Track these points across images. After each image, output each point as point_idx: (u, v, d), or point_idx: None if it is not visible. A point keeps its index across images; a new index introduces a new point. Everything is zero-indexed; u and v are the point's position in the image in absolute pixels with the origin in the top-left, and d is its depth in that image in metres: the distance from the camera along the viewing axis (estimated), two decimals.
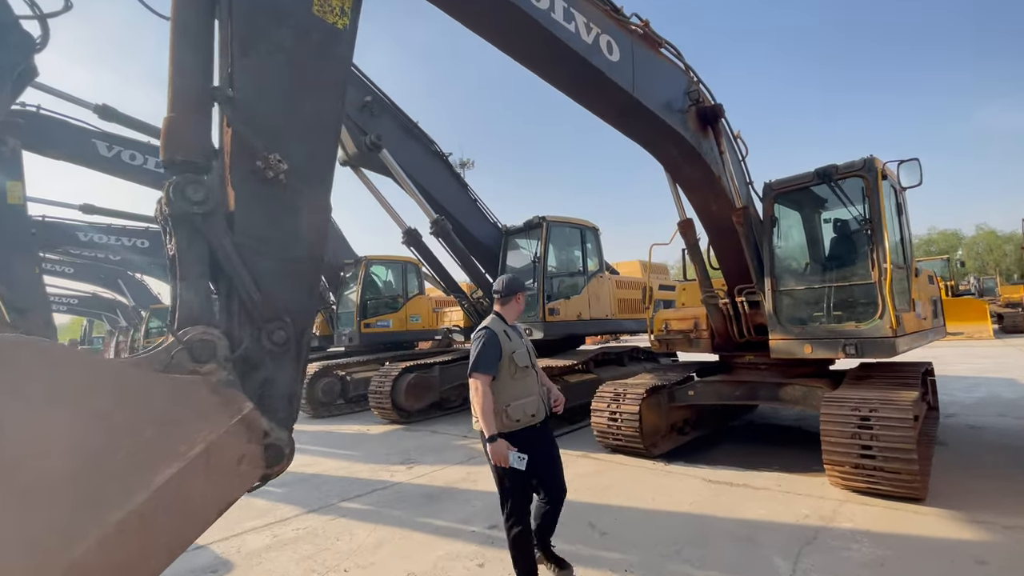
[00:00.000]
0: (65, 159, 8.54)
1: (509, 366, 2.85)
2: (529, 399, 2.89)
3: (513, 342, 2.92)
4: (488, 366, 2.79)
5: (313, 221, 2.33)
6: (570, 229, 8.41)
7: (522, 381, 2.89)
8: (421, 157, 7.99)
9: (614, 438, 5.85)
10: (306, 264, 2.30)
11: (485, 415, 2.74)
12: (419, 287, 12.07)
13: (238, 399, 1.80)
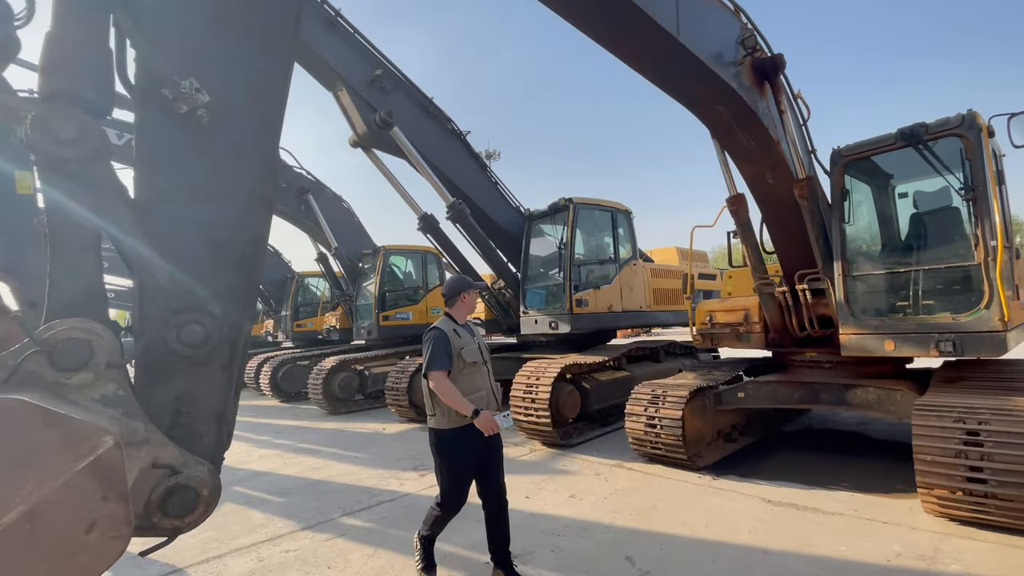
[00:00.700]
0: None
1: (458, 362, 2.93)
2: (478, 394, 2.96)
3: (462, 339, 3.00)
4: (441, 363, 2.88)
5: (249, 177, 1.71)
6: (600, 212, 7.65)
7: (471, 377, 2.97)
8: (437, 136, 7.37)
9: (652, 446, 5.12)
10: (239, 235, 1.68)
11: (455, 400, 2.84)
12: (440, 278, 11.51)
13: (92, 432, 1.19)
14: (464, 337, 3.03)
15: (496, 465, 3.09)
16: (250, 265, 1.70)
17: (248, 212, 1.70)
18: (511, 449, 6.05)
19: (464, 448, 2.91)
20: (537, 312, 7.34)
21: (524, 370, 6.23)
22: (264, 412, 10.23)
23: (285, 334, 14.64)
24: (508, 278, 7.72)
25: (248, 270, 1.70)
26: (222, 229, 1.65)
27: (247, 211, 1.70)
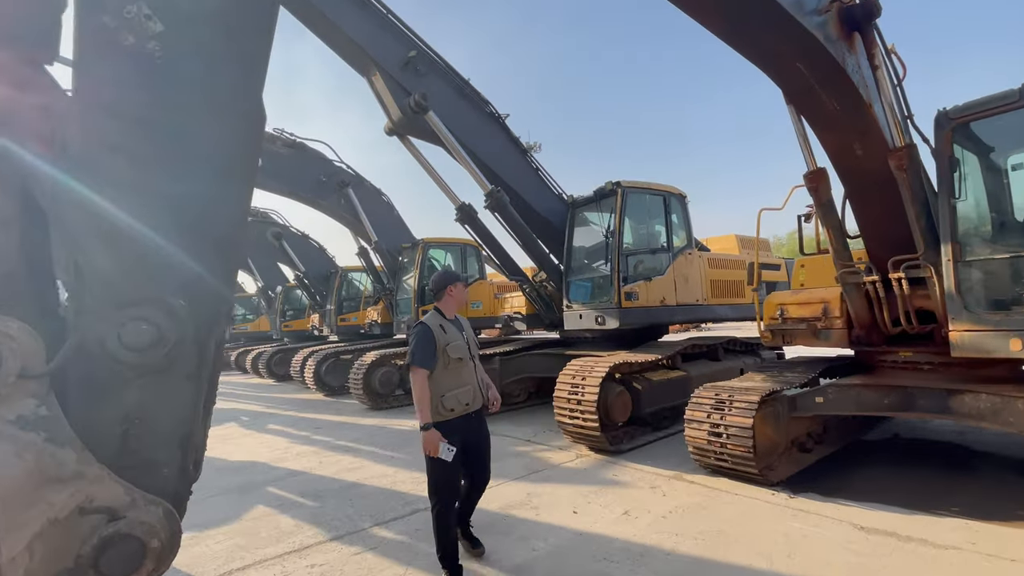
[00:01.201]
0: None
1: (444, 358, 2.94)
2: (463, 389, 3.01)
3: (448, 335, 3.01)
4: (423, 360, 2.91)
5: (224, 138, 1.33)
6: (651, 197, 7.02)
7: (457, 372, 3.00)
8: (474, 120, 6.96)
9: (717, 457, 4.53)
10: (211, 212, 1.31)
11: (420, 405, 2.86)
12: (480, 271, 11.18)
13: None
14: (451, 332, 3.04)
15: (483, 453, 3.21)
16: (226, 249, 1.33)
17: (223, 183, 1.33)
18: (556, 454, 5.60)
19: (455, 439, 2.93)
20: (582, 306, 6.83)
21: (569, 368, 5.76)
22: (307, 406, 10.25)
23: (330, 328, 14.77)
24: (550, 270, 7.23)
25: (224, 255, 1.32)
26: (188, 203, 1.28)
27: (222, 182, 1.32)
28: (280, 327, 18.43)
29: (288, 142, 10.16)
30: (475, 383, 3.11)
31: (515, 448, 5.94)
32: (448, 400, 2.95)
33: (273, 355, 16.29)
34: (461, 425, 2.97)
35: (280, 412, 9.69)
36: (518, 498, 4.35)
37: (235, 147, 1.32)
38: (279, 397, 12.06)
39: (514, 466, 5.22)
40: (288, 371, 13.68)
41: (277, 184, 10.16)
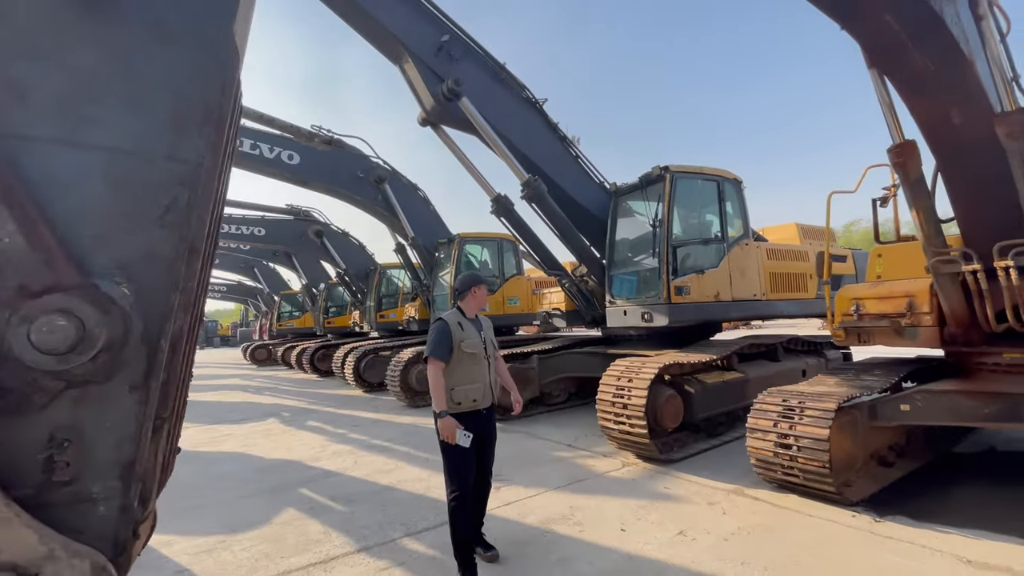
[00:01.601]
0: None
1: (458, 353, 3.05)
2: (474, 385, 3.07)
3: (465, 332, 3.11)
4: (437, 352, 3.02)
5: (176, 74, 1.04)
6: (703, 182, 6.46)
7: (469, 368, 3.07)
8: (510, 106, 6.61)
9: (785, 472, 4.02)
10: (161, 171, 1.02)
11: (436, 393, 2.98)
12: (517, 266, 10.85)
13: None
14: (468, 330, 3.14)
15: (490, 449, 3.27)
16: (181, 220, 1.04)
17: (177, 134, 1.04)
18: (600, 461, 5.20)
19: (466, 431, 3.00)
20: (626, 302, 6.36)
21: (613, 369, 5.33)
22: (346, 403, 10.25)
23: (370, 325, 14.87)
24: (591, 263, 6.80)
25: (179, 228, 1.03)
26: (131, 159, 0.99)
27: (175, 132, 1.04)
28: (323, 323, 18.80)
29: (326, 139, 10.13)
30: (487, 382, 3.15)
31: (555, 453, 5.58)
32: (457, 394, 3.04)
33: (316, 351, 16.60)
34: (467, 420, 3.03)
35: (320, 408, 9.72)
36: (559, 511, 3.99)
37: (190, 88, 1.03)
38: (320, 393, 12.18)
39: (555, 474, 4.86)
40: (330, 367, 13.87)
41: (316, 181, 10.18)
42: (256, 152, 9.21)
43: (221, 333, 51.72)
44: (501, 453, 5.77)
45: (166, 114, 1.03)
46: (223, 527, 3.95)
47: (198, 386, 14.98)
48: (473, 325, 3.20)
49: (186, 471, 5.63)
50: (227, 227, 14.21)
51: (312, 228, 15.08)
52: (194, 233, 1.06)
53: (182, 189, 1.04)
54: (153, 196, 1.02)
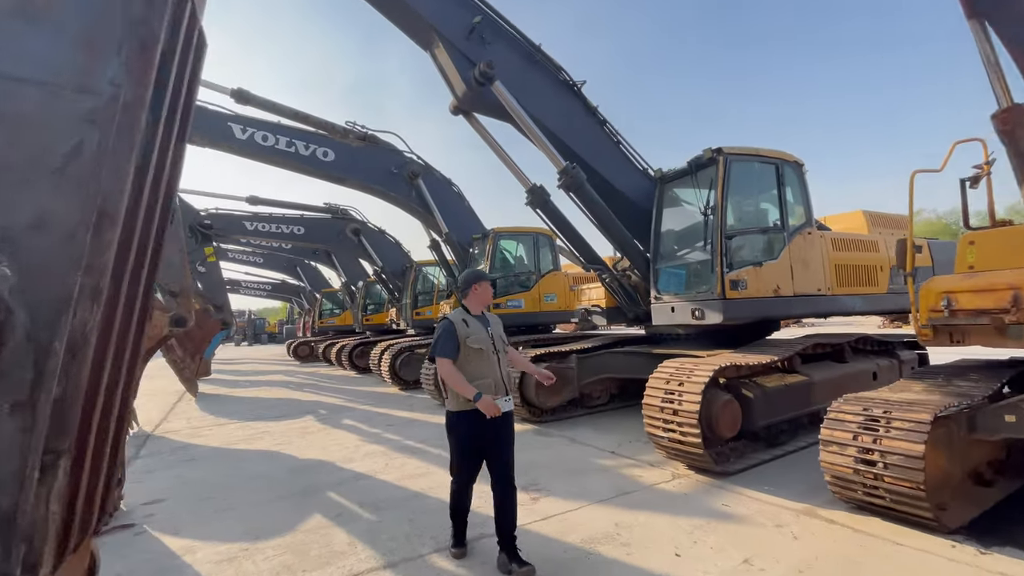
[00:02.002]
0: (208, 145, 8.73)
1: (464, 350, 3.10)
2: (483, 381, 3.07)
3: (470, 328, 3.15)
4: (444, 351, 3.09)
5: None
6: (760, 165, 5.87)
7: (477, 364, 3.11)
8: (545, 89, 6.22)
9: (868, 491, 3.48)
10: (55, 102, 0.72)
11: (459, 385, 3.04)
12: (553, 262, 10.45)
13: None
14: (473, 326, 3.17)
15: (505, 446, 3.21)
16: (88, 172, 0.73)
17: (86, 55, 0.74)
18: (647, 472, 4.76)
19: (467, 430, 3.10)
20: (674, 297, 5.87)
21: (662, 371, 4.87)
22: (382, 400, 10.16)
23: (406, 322, 14.83)
24: (634, 256, 6.33)
25: (84, 183, 0.73)
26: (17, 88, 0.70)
27: (81, 52, 0.73)
28: (362, 321, 18.98)
29: (360, 135, 10.04)
30: (497, 376, 3.16)
31: (598, 461, 5.17)
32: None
33: (354, 348, 16.76)
34: (479, 415, 3.03)
35: (356, 406, 9.65)
36: (604, 528, 3.59)
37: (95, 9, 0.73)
38: (358, 390, 12.19)
39: (598, 484, 4.46)
40: (368, 363, 13.93)
41: (351, 178, 10.11)
42: (292, 149, 9.20)
43: (268, 330, 54.03)
44: (539, 459, 5.47)
45: (69, 26, 0.73)
46: (248, 534, 3.78)
47: (241, 382, 15.38)
48: (479, 322, 3.24)
49: (220, 470, 5.58)
50: (268, 226, 14.45)
51: (350, 226, 15.17)
52: (106, 190, 0.75)
53: (90, 129, 0.74)
54: (48, 139, 0.72)
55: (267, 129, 8.97)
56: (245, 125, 8.78)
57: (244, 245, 19.32)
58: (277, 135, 9.08)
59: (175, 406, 10.70)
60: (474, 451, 3.16)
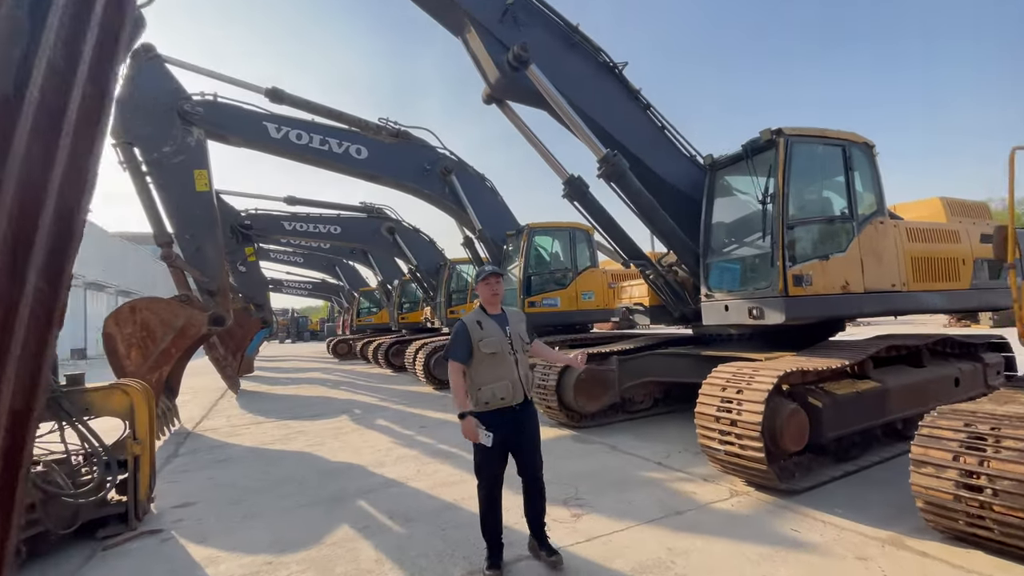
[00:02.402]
0: (243, 145, 8.77)
1: (477, 353, 3.03)
2: (500, 383, 3.02)
3: (484, 330, 3.06)
4: (456, 355, 3.06)
5: None
6: (824, 148, 5.29)
7: (491, 366, 3.03)
8: (584, 71, 5.82)
9: (971, 521, 2.95)
10: None
11: (456, 394, 3.05)
12: (591, 258, 10.02)
13: None
14: (487, 328, 3.08)
15: (527, 448, 3.15)
16: None
17: None
18: (700, 488, 4.31)
19: (493, 429, 3.00)
20: (727, 295, 5.37)
21: (717, 376, 4.41)
22: (416, 400, 10.02)
23: (440, 320, 14.72)
24: (682, 250, 5.85)
25: None
26: None
27: None
28: (397, 319, 19.06)
29: (393, 131, 9.92)
30: (514, 378, 3.06)
31: (644, 473, 4.76)
32: (483, 393, 3.02)
33: (390, 346, 16.82)
34: (496, 418, 3.02)
35: (390, 406, 9.54)
36: (655, 554, 3.20)
37: None
38: (393, 389, 12.14)
39: (645, 501, 4.06)
40: (404, 362, 13.90)
41: (385, 176, 10.00)
42: (325, 147, 9.14)
43: (311, 328, 55.96)
44: (579, 469, 5.10)
45: None
46: (273, 545, 3.60)
47: (282, 379, 15.67)
48: (495, 321, 3.13)
49: (252, 472, 5.49)
50: (306, 226, 14.62)
51: (385, 225, 15.18)
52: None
53: None
54: None
55: (301, 127, 8.94)
56: (280, 124, 8.77)
57: (284, 245, 19.72)
58: (311, 133, 9.04)
59: (217, 403, 10.91)
60: (498, 451, 3.05)
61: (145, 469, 4.05)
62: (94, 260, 36.75)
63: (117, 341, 6.91)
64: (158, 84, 7.70)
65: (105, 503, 3.92)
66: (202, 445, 6.94)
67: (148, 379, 7.08)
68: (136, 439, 3.97)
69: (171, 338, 7.23)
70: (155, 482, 4.39)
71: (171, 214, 7.78)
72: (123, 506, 3.96)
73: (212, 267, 8.01)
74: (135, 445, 3.96)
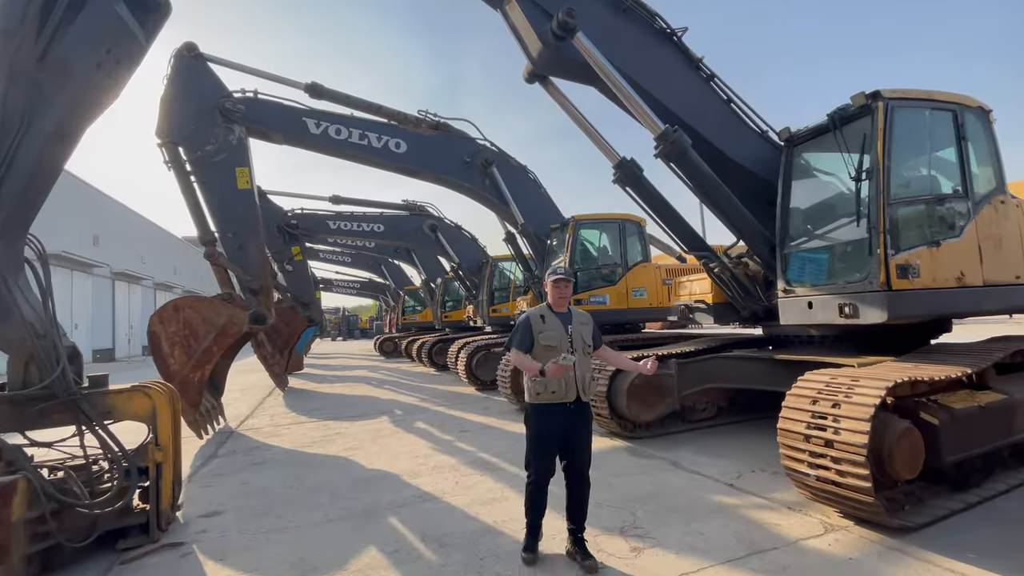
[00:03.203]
0: (283, 142, 8.68)
1: (537, 346, 3.13)
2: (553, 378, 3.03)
3: (546, 324, 3.16)
4: (516, 343, 3.17)
5: None
6: (931, 114, 4.43)
7: (548, 360, 3.03)
8: (638, 40, 5.20)
9: None
10: None
11: (526, 364, 3.09)
12: (643, 252, 9.30)
13: None
14: (549, 323, 3.16)
15: (578, 447, 3.16)
16: None
17: None
18: (787, 519, 3.62)
19: (543, 422, 3.10)
20: (812, 290, 4.61)
21: (805, 386, 3.70)
22: (458, 402, 9.67)
23: (483, 319, 14.38)
24: (754, 238, 5.11)
25: None
26: None
27: None
28: (441, 317, 18.92)
29: (432, 124, 9.60)
30: (569, 375, 3.07)
31: (713, 497, 4.09)
32: (536, 384, 3.08)
33: (434, 345, 16.66)
34: (549, 412, 3.08)
35: (431, 407, 9.24)
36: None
37: None
38: (435, 389, 11.88)
39: (719, 534, 3.42)
40: (446, 361, 13.66)
41: (425, 171, 9.68)
42: (364, 142, 8.91)
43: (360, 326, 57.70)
44: (636, 489, 4.45)
45: None
46: (295, 567, 3.25)
47: (329, 377, 15.81)
48: (559, 318, 3.18)
49: (286, 477, 5.25)
50: (350, 225, 14.65)
51: (427, 223, 15.00)
52: None
53: None
54: None
55: (340, 122, 8.75)
56: (319, 119, 8.62)
57: (332, 245, 20.01)
58: (350, 128, 8.83)
59: (264, 401, 11.01)
60: (546, 445, 3.12)
61: (168, 477, 3.82)
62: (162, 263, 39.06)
63: (161, 339, 6.91)
64: (200, 83, 7.69)
65: (128, 512, 3.72)
66: (242, 446, 6.83)
67: (191, 378, 7.10)
68: (158, 445, 3.74)
69: (213, 336, 7.17)
70: (180, 491, 4.18)
71: (214, 212, 7.76)
72: (146, 515, 3.75)
73: (254, 265, 7.93)
74: (157, 451, 3.72)
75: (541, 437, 3.11)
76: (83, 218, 27.33)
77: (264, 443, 6.94)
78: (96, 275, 28.80)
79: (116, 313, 30.84)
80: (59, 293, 24.65)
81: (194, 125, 7.59)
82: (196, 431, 7.00)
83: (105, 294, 30.16)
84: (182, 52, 7.60)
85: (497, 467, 5.23)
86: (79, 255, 25.71)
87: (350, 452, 6.20)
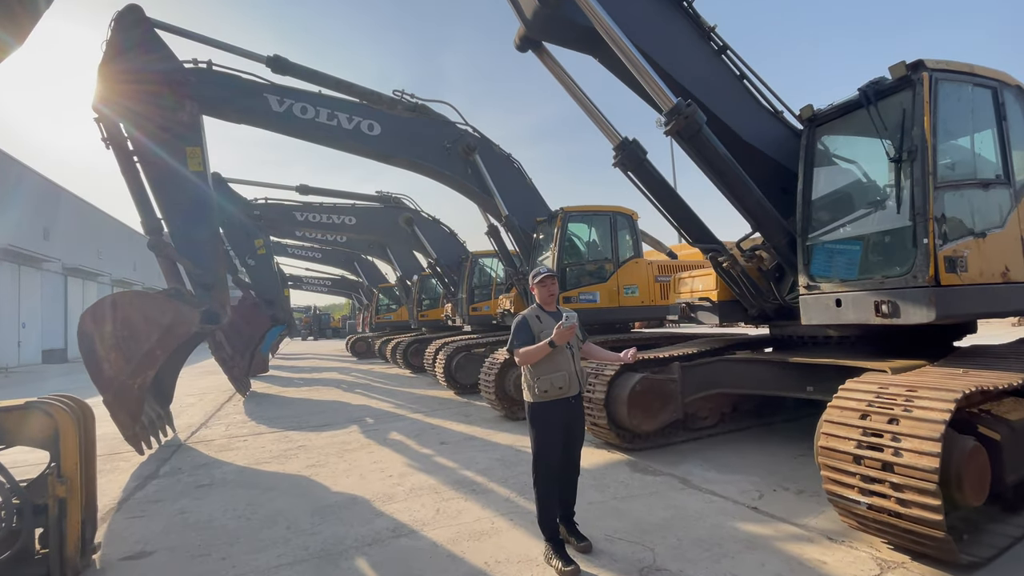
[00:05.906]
0: (240, 120, 7.79)
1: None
2: (557, 374, 3.17)
3: (543, 323, 3.26)
4: (519, 343, 3.23)
5: None
6: (974, 90, 3.98)
7: (550, 357, 3.16)
8: (645, 6, 4.62)
9: None
10: None
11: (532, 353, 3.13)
12: (634, 247, 8.78)
13: None
14: (545, 321, 3.26)
15: (578, 438, 3.32)
16: None
17: None
18: (827, 553, 3.08)
19: (551, 419, 3.18)
20: (840, 285, 4.10)
21: (850, 397, 3.16)
22: (437, 408, 8.96)
23: (462, 318, 13.68)
24: (772, 227, 4.60)
25: None
26: None
27: None
28: (417, 316, 18.11)
29: (410, 105, 8.87)
30: (571, 370, 3.20)
31: (740, 526, 3.53)
32: (542, 383, 3.15)
33: (409, 345, 15.87)
34: (556, 408, 3.17)
35: (407, 414, 8.51)
36: None
37: None
38: (411, 393, 11.15)
39: (751, 571, 2.86)
40: (423, 362, 12.93)
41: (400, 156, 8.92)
42: (333, 122, 8.10)
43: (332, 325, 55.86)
44: (648, 516, 3.64)
45: None
46: None
47: (296, 380, 14.86)
48: (552, 318, 3.26)
49: (235, 504, 4.47)
50: (319, 216, 13.73)
51: (402, 215, 14.20)
52: None
53: None
54: None
55: (306, 100, 7.93)
56: (283, 96, 7.78)
57: (301, 239, 18.96)
58: (318, 107, 8.02)
59: (222, 407, 10.07)
60: (556, 442, 3.19)
61: (74, 515, 3.04)
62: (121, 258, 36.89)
63: (94, 341, 6.01)
64: (146, 50, 6.80)
65: (24, 560, 2.95)
66: (188, 463, 5.99)
67: (130, 385, 6.19)
68: (61, 477, 2.97)
69: (157, 337, 6.29)
70: (94, 529, 3.38)
71: (160, 197, 6.88)
72: (46, 564, 2.98)
73: (206, 257, 7.06)
74: (59, 485, 2.95)
75: (551, 435, 3.16)
76: (32, 209, 25.53)
77: (215, 459, 6.11)
78: (46, 270, 26.94)
79: (69, 311, 28.87)
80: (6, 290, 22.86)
81: (137, 98, 6.69)
82: (136, 446, 6.12)
83: (56, 291, 28.30)
84: (124, 15, 6.69)
85: (484, 489, 4.57)
86: (27, 249, 23.95)
87: (313, 470, 5.45)
